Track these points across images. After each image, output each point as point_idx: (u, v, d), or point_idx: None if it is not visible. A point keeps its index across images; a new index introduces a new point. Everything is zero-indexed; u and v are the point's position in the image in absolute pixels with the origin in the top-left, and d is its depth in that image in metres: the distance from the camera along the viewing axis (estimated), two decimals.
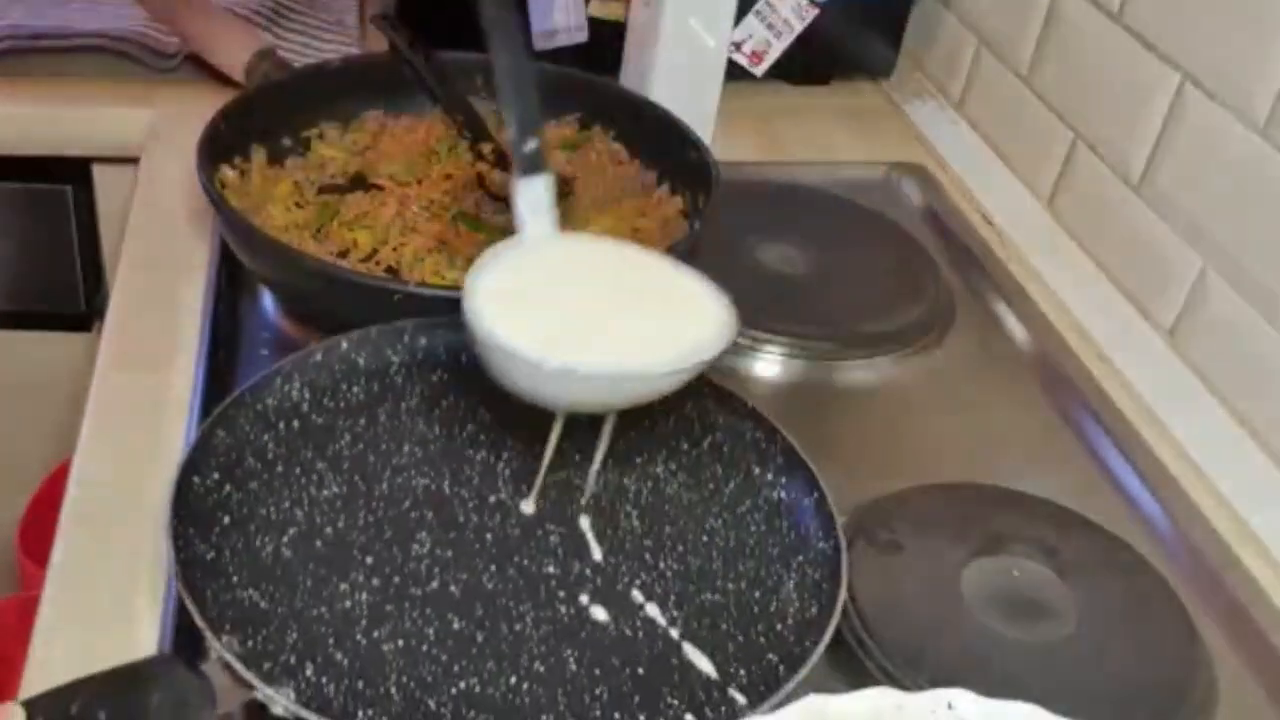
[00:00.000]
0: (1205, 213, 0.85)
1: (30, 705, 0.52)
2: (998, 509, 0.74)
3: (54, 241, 1.10)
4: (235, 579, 0.62)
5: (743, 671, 0.62)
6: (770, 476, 0.70)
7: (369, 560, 0.65)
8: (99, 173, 1.07)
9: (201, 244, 0.89)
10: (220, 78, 1.03)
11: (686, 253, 0.83)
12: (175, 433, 0.73)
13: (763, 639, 0.63)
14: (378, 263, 0.83)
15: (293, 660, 0.59)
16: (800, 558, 0.66)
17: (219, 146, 0.86)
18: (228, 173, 0.87)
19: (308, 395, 0.71)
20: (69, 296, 1.13)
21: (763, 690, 0.59)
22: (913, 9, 1.19)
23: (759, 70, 1.15)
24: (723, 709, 0.60)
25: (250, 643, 0.58)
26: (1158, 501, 0.78)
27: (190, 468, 0.63)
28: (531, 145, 0.68)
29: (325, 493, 0.68)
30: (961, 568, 0.69)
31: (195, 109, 0.92)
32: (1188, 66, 0.86)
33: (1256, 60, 0.80)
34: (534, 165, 0.68)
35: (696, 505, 0.70)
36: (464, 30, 0.74)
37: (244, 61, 1.00)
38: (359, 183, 0.90)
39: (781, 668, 0.60)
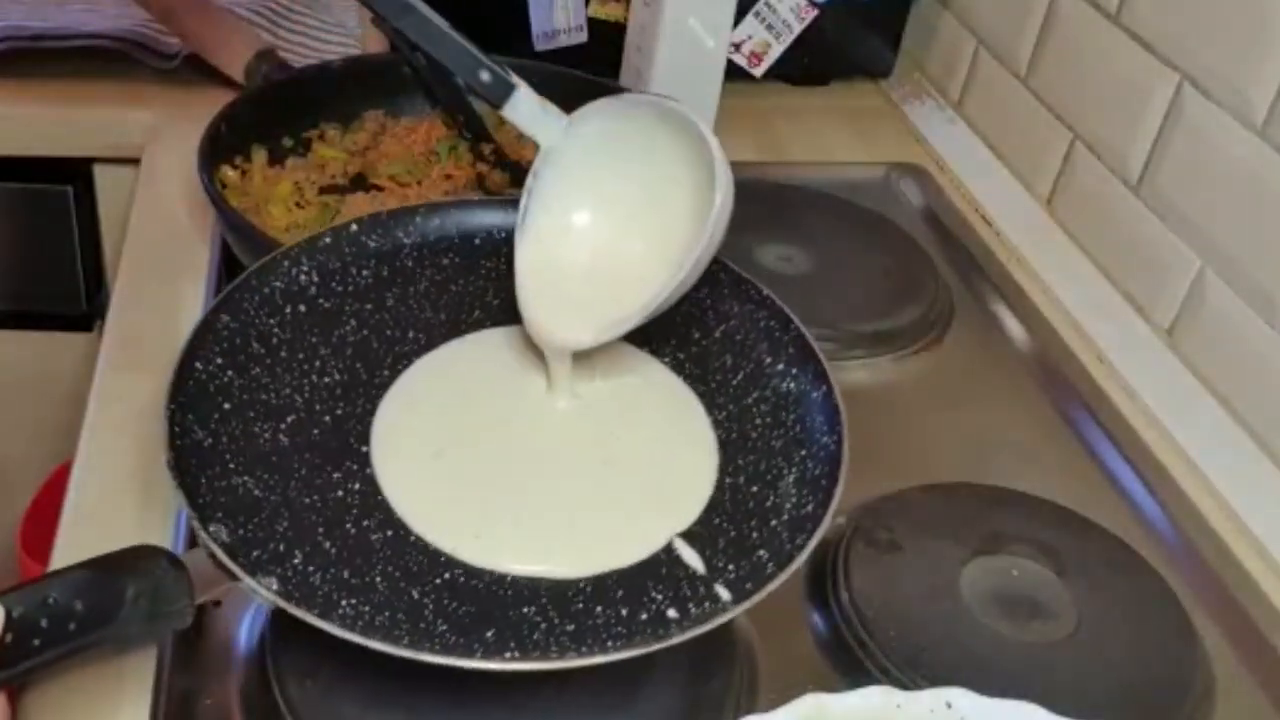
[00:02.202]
0: (1203, 213, 0.85)
1: (6, 597, 0.52)
2: (997, 509, 0.74)
3: (54, 241, 1.10)
4: (231, 465, 0.61)
5: (731, 567, 0.61)
6: (781, 367, 0.69)
7: (364, 449, 0.64)
8: (99, 173, 1.07)
9: (202, 244, 0.89)
10: (220, 78, 1.03)
11: None
12: None
13: (755, 534, 0.62)
14: None
15: (281, 548, 0.58)
16: (803, 451, 0.65)
17: (220, 146, 0.86)
18: (228, 173, 0.87)
19: (316, 279, 0.70)
20: (69, 296, 1.13)
21: (748, 587, 0.58)
22: (912, 10, 1.19)
23: (758, 71, 1.15)
24: (706, 604, 0.59)
25: (241, 530, 0.58)
26: (1156, 501, 0.78)
27: (192, 353, 0.63)
28: (485, 76, 0.68)
29: (326, 379, 0.67)
30: (961, 567, 0.69)
31: (195, 109, 0.92)
32: (1186, 67, 0.86)
33: (1255, 61, 0.80)
34: (500, 90, 0.68)
35: (703, 398, 0.70)
36: (464, 30, 0.74)
37: (244, 61, 1.00)
38: (359, 183, 0.90)
39: (770, 565, 0.60)
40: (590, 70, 0.99)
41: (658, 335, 0.72)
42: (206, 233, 0.90)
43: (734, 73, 1.11)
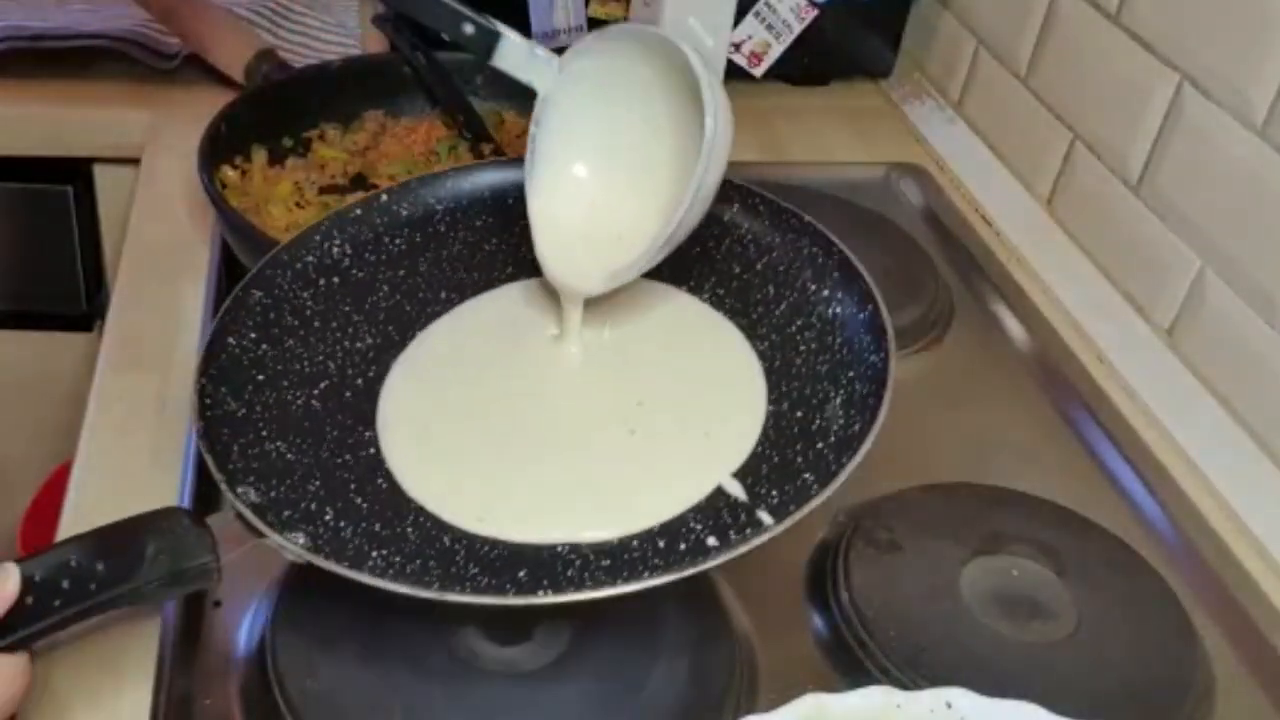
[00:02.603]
0: (1203, 213, 0.85)
1: (26, 563, 0.53)
2: (997, 509, 0.74)
3: (55, 241, 1.10)
4: (264, 433, 0.62)
5: (774, 493, 0.61)
6: (826, 292, 0.69)
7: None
8: (99, 173, 1.07)
9: (202, 244, 0.89)
10: (220, 78, 1.04)
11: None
12: (175, 433, 0.73)
13: (800, 459, 0.62)
14: None
15: (313, 507, 0.59)
16: (851, 373, 0.65)
17: (220, 147, 0.86)
18: (228, 173, 0.87)
19: (349, 250, 0.70)
20: (69, 296, 1.13)
21: (791, 509, 0.58)
22: (911, 9, 1.19)
23: (758, 71, 1.15)
24: (747, 530, 0.59)
25: (272, 493, 0.58)
26: (1156, 501, 0.78)
27: (223, 330, 0.63)
28: (469, 29, 0.68)
29: (359, 344, 0.67)
30: (961, 567, 0.69)
31: (195, 109, 0.92)
32: (1186, 67, 0.86)
33: (1255, 61, 0.80)
34: (486, 40, 0.68)
35: (744, 330, 0.69)
36: None
37: (244, 61, 1.00)
38: (359, 183, 0.90)
39: (815, 486, 0.59)
40: None
41: (698, 272, 0.71)
42: (206, 233, 0.90)
43: (734, 73, 1.11)
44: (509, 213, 0.72)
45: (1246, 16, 0.80)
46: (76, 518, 0.68)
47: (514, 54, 0.68)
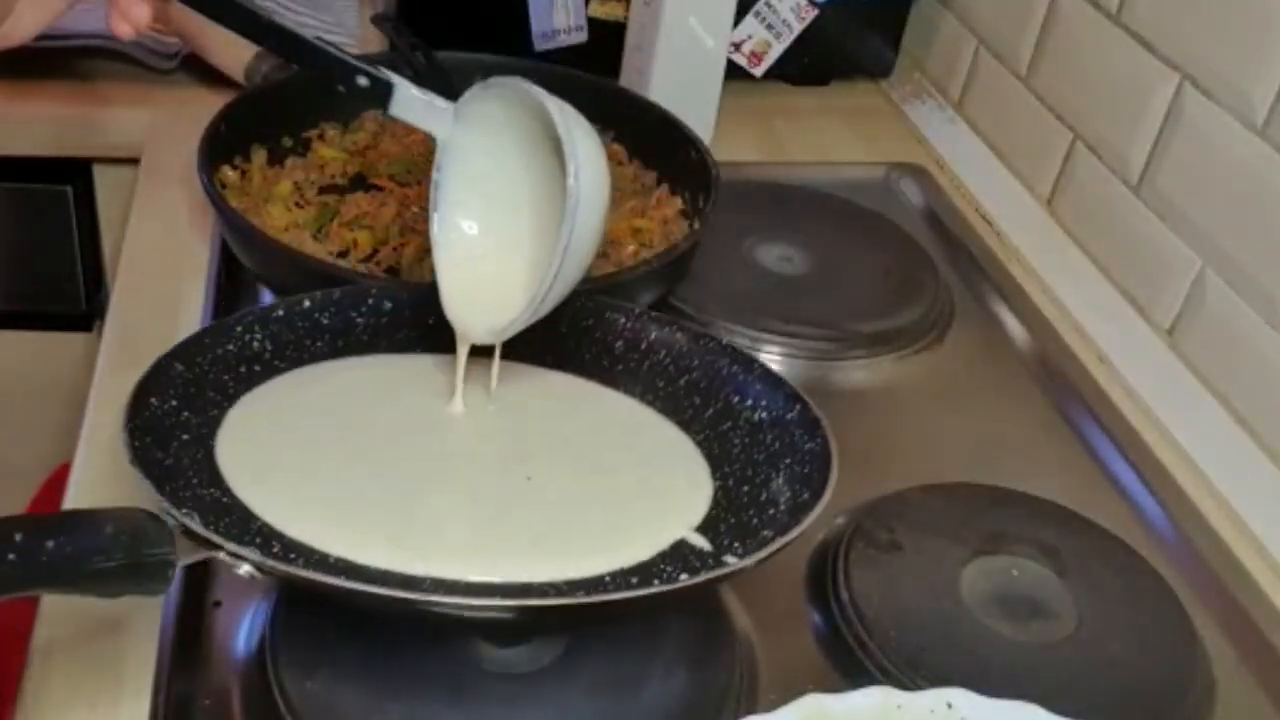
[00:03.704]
0: (1204, 213, 0.85)
1: None
2: (998, 509, 0.74)
3: (54, 241, 1.10)
4: (195, 480, 0.62)
5: (737, 544, 0.63)
6: (750, 401, 0.71)
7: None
8: (99, 173, 1.07)
9: (201, 244, 0.89)
10: (220, 78, 1.04)
11: (687, 253, 0.83)
12: None
13: (755, 520, 0.65)
14: (378, 263, 0.83)
15: (258, 541, 0.59)
16: (788, 460, 0.67)
17: (219, 146, 0.86)
18: (228, 173, 0.87)
19: (270, 346, 0.70)
20: (69, 296, 1.13)
21: (756, 551, 0.60)
22: (912, 9, 1.19)
23: (758, 71, 1.15)
24: (717, 569, 0.62)
25: (212, 529, 0.57)
26: (1157, 501, 0.78)
27: (145, 390, 0.63)
28: (362, 81, 0.68)
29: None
30: (961, 568, 0.69)
31: (195, 109, 0.92)
32: (1187, 67, 0.86)
33: (1255, 61, 0.80)
34: (381, 91, 0.68)
35: (679, 425, 0.72)
36: (464, 30, 0.74)
37: (244, 61, 1.00)
38: (359, 183, 0.90)
39: (777, 539, 0.61)
40: (590, 70, 0.99)
41: (625, 380, 0.74)
42: (206, 233, 0.90)
43: (734, 73, 1.11)
44: (426, 331, 0.73)
45: (1246, 16, 0.80)
46: None
47: (410, 104, 0.69)
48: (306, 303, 0.72)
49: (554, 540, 0.63)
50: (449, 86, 0.96)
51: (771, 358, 0.86)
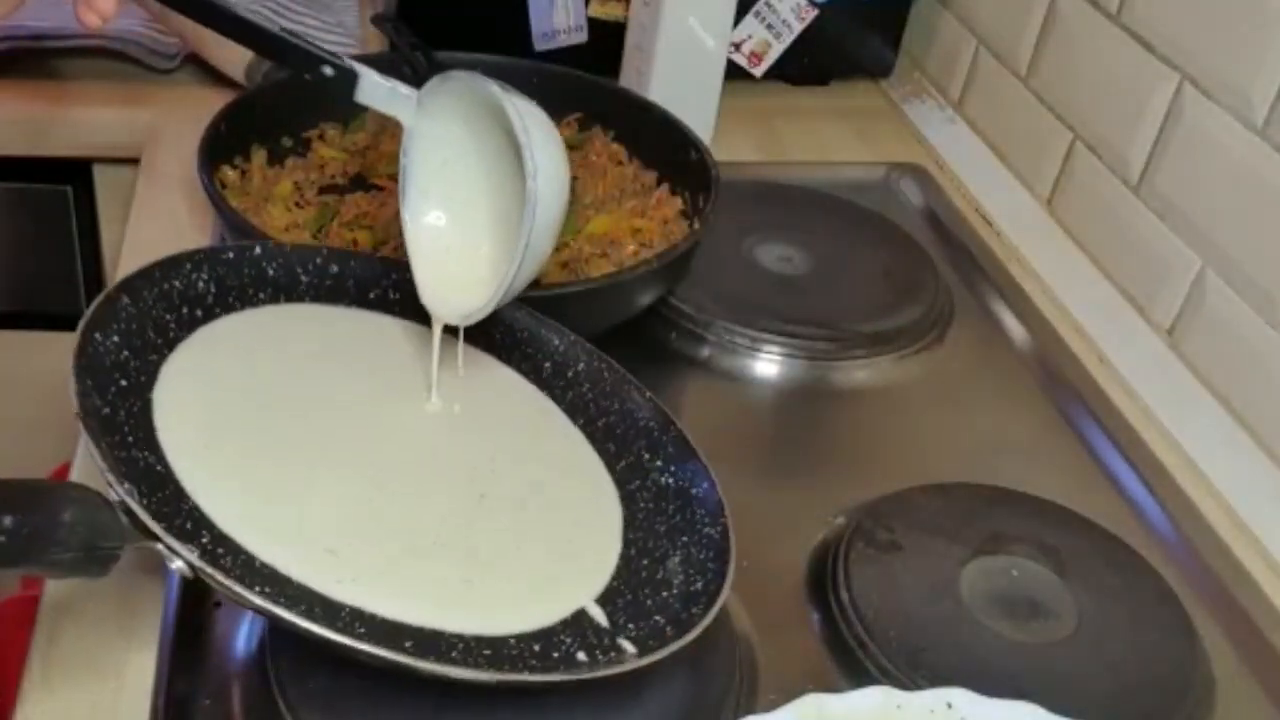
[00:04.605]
0: (1203, 213, 0.85)
1: None
2: (997, 509, 0.74)
3: (54, 241, 1.10)
4: (130, 439, 0.60)
5: (631, 626, 0.62)
6: (660, 463, 0.70)
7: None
8: (99, 173, 1.07)
9: (202, 244, 0.89)
10: (220, 78, 1.04)
11: (687, 253, 0.83)
12: None
13: (649, 601, 0.63)
14: None
15: (189, 526, 0.57)
16: (685, 538, 0.66)
17: (219, 147, 0.86)
18: (228, 173, 0.87)
19: (214, 289, 0.70)
20: (69, 296, 1.13)
21: (651, 644, 0.59)
22: (912, 9, 1.19)
23: (758, 71, 1.15)
24: (612, 653, 0.59)
25: (146, 500, 0.56)
26: (1157, 501, 0.78)
27: (93, 324, 0.62)
28: (327, 70, 0.69)
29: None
30: (961, 568, 0.69)
31: (195, 109, 0.92)
32: (1186, 67, 0.86)
33: (1255, 61, 0.80)
34: (346, 80, 0.69)
35: (609, 473, 0.71)
36: (464, 30, 0.74)
37: (244, 61, 1.00)
38: (359, 183, 0.90)
39: (669, 628, 0.60)
40: (590, 70, 0.99)
41: (564, 402, 0.74)
42: (206, 233, 0.90)
43: (734, 73, 1.11)
44: (367, 305, 0.74)
45: (1246, 16, 0.80)
46: None
47: (375, 91, 0.69)
48: (257, 250, 0.72)
49: (478, 586, 0.61)
50: None
51: (771, 358, 0.86)
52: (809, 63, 1.17)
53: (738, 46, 1.13)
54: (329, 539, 0.60)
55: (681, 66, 1.02)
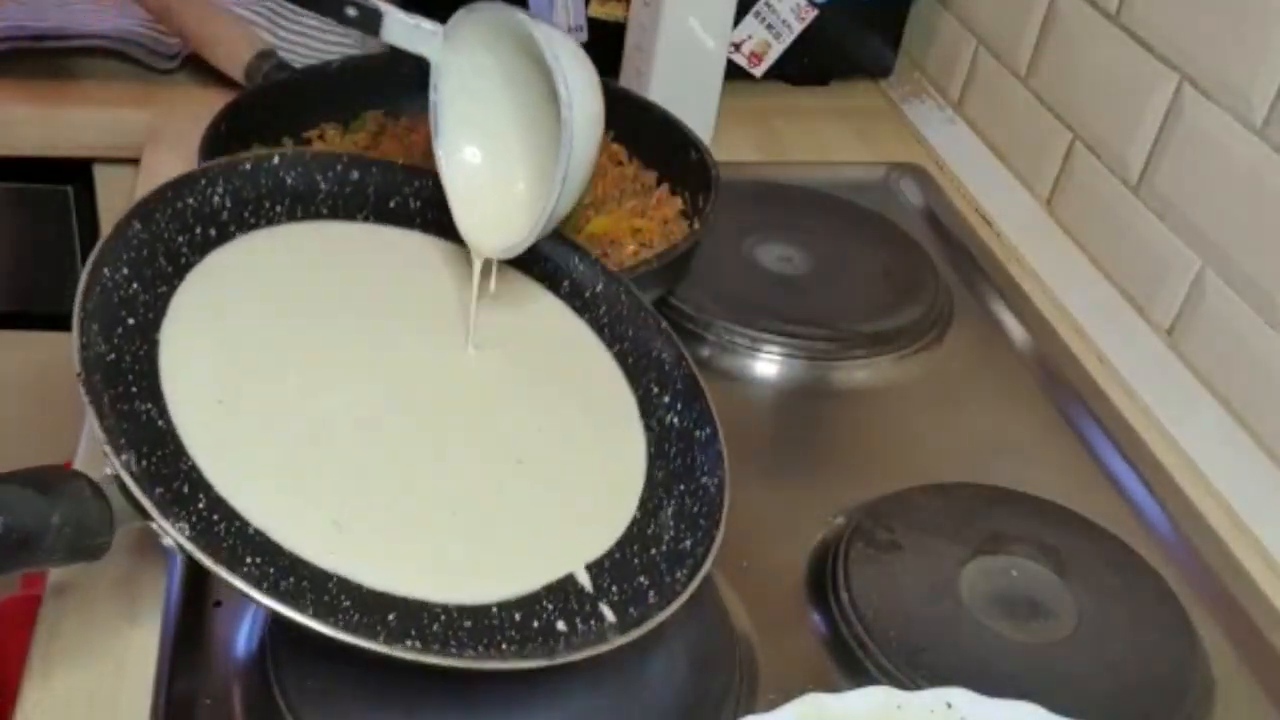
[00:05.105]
0: (1203, 213, 0.85)
1: None
2: (997, 509, 0.74)
3: (55, 241, 1.10)
4: (134, 389, 0.58)
5: (614, 589, 0.61)
6: (667, 400, 0.69)
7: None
8: (100, 173, 1.07)
9: None
10: (220, 78, 1.04)
11: (687, 253, 0.83)
12: None
13: (636, 560, 0.62)
14: None
15: (185, 489, 0.56)
16: (682, 487, 0.65)
17: (219, 146, 0.86)
18: None
19: (229, 204, 0.68)
20: (69, 296, 1.13)
21: (631, 613, 0.58)
22: (911, 9, 1.19)
23: (758, 71, 1.15)
24: (592, 623, 0.59)
25: (144, 461, 0.55)
26: (1156, 501, 0.78)
27: (102, 258, 0.61)
28: (351, 12, 0.69)
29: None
30: (961, 567, 0.69)
31: (195, 109, 0.92)
32: (1186, 67, 0.86)
33: (1254, 61, 0.80)
34: (370, 19, 0.69)
35: (642, 417, 0.69)
36: None
37: (244, 61, 1.00)
38: None
39: (652, 593, 0.60)
40: None
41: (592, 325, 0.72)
42: None
43: (734, 73, 1.11)
44: (385, 216, 0.72)
45: (1246, 16, 0.80)
46: None
47: (399, 29, 0.68)
48: (275, 159, 0.70)
49: (479, 554, 0.60)
50: None
51: (771, 358, 0.86)
52: (809, 63, 1.17)
53: (738, 46, 1.13)
54: (336, 509, 0.58)
55: (681, 66, 1.02)
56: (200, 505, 0.56)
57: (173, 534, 0.53)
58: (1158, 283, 0.89)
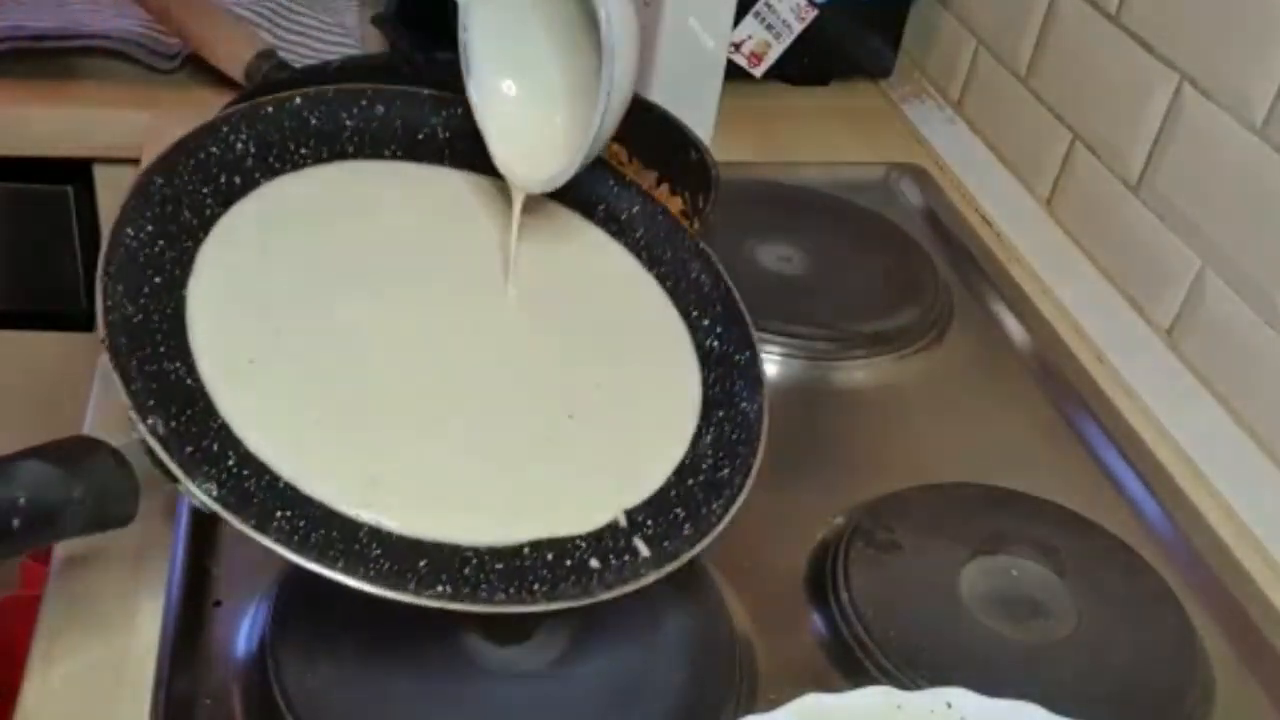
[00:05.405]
0: (1203, 213, 0.85)
1: None
2: (997, 509, 0.74)
3: (55, 241, 1.10)
4: (161, 348, 0.58)
5: (649, 522, 0.60)
6: (707, 323, 0.67)
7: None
8: (100, 173, 1.07)
9: None
10: (220, 78, 1.03)
11: None
12: None
13: (673, 492, 0.61)
14: None
15: (215, 447, 0.55)
16: (721, 413, 0.64)
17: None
18: None
19: (253, 149, 0.66)
20: (69, 296, 1.13)
21: (666, 546, 0.57)
22: (911, 9, 1.19)
23: (758, 71, 1.15)
24: (625, 558, 0.58)
25: (173, 422, 0.54)
26: (1156, 501, 0.78)
27: (125, 218, 0.60)
28: None
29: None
30: (960, 567, 0.69)
31: (195, 109, 0.91)
32: (1186, 67, 0.86)
33: (1254, 61, 0.80)
34: None
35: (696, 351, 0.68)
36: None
37: (244, 61, 1.00)
38: None
39: (687, 525, 0.59)
40: None
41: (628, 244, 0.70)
42: None
43: (734, 73, 1.11)
44: (415, 149, 0.70)
45: (1246, 16, 0.80)
46: None
47: None
48: (298, 100, 0.68)
49: (519, 498, 0.58)
50: (449, 86, 0.96)
51: (771, 358, 0.86)
52: (809, 63, 1.17)
53: (738, 46, 1.13)
54: (372, 463, 0.57)
55: (681, 66, 1.02)
56: (230, 462, 0.55)
57: (200, 495, 0.52)
58: (1158, 283, 0.89)
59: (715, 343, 0.67)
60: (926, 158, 1.12)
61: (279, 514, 0.54)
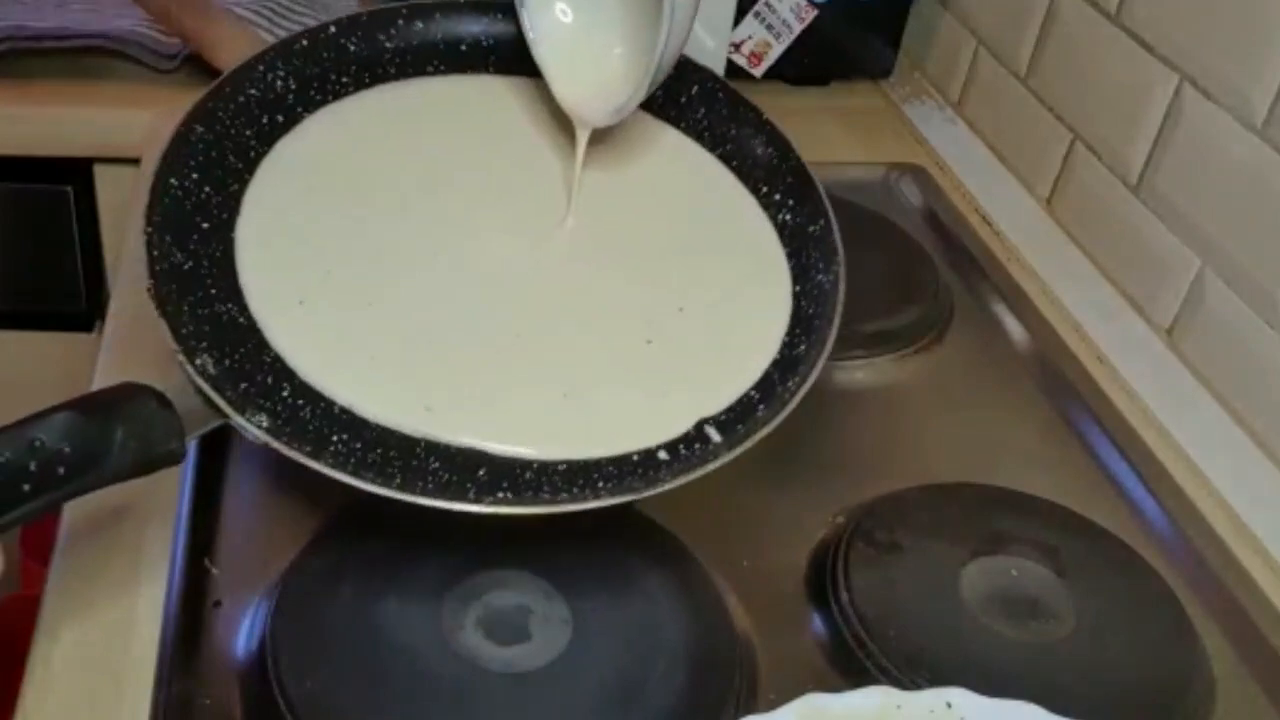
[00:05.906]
0: (1203, 213, 0.85)
1: None
2: (997, 509, 0.74)
3: (55, 241, 1.10)
4: (213, 291, 0.58)
5: (724, 414, 0.59)
6: (778, 197, 0.66)
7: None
8: (100, 173, 1.07)
9: None
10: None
11: None
12: None
13: (752, 388, 0.60)
14: None
15: (269, 380, 0.56)
16: (797, 288, 0.62)
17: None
18: None
19: (293, 85, 0.65)
20: (69, 296, 1.13)
21: (739, 429, 0.56)
22: (911, 9, 1.19)
23: (758, 71, 1.15)
24: (696, 446, 0.56)
25: (226, 361, 0.55)
26: (1156, 501, 0.78)
27: (166, 169, 0.59)
28: None
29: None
30: (961, 568, 0.69)
31: None
32: (1186, 67, 0.86)
33: (1255, 61, 0.80)
34: None
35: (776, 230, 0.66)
36: None
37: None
38: None
39: (761, 406, 0.57)
40: None
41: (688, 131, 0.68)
42: None
43: (734, 73, 1.11)
44: (460, 62, 0.69)
45: (1246, 16, 0.80)
46: (76, 518, 0.68)
47: None
48: (332, 28, 0.67)
49: (587, 415, 0.57)
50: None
51: None
52: (809, 63, 1.17)
53: (738, 46, 1.13)
54: (429, 393, 0.57)
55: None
56: (285, 394, 0.55)
57: (250, 429, 0.52)
58: (1157, 283, 0.89)
59: (788, 216, 0.64)
60: (926, 158, 1.12)
61: (335, 438, 0.54)
